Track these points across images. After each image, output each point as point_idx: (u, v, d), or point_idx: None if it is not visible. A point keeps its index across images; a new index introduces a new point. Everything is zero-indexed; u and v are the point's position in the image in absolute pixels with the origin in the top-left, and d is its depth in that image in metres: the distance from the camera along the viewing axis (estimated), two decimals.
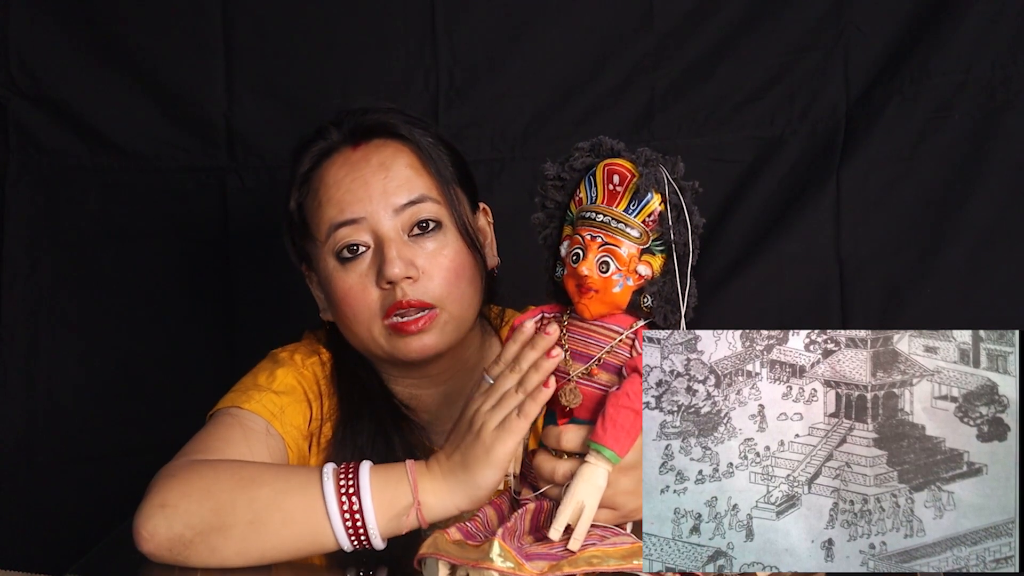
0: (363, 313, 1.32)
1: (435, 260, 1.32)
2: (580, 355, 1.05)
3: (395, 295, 1.30)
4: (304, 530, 1.11)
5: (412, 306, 1.30)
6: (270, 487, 1.13)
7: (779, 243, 1.78)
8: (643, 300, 1.03)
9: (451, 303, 1.32)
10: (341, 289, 1.33)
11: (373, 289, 1.32)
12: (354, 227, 1.32)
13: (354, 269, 1.32)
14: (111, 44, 1.81)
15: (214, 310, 1.85)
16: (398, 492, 1.11)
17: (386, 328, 1.32)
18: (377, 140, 1.37)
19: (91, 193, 1.83)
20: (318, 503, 1.10)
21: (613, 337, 1.03)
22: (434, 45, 1.81)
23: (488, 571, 0.99)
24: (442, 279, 1.32)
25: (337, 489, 1.11)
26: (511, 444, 1.07)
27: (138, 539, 1.13)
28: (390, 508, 1.11)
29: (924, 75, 1.73)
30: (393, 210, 1.32)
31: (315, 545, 1.12)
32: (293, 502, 1.12)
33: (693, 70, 1.80)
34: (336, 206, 1.33)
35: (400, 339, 1.31)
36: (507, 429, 1.07)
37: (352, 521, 1.10)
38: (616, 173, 1.03)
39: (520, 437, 1.07)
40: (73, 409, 1.83)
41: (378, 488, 1.11)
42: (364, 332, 1.34)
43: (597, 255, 1.02)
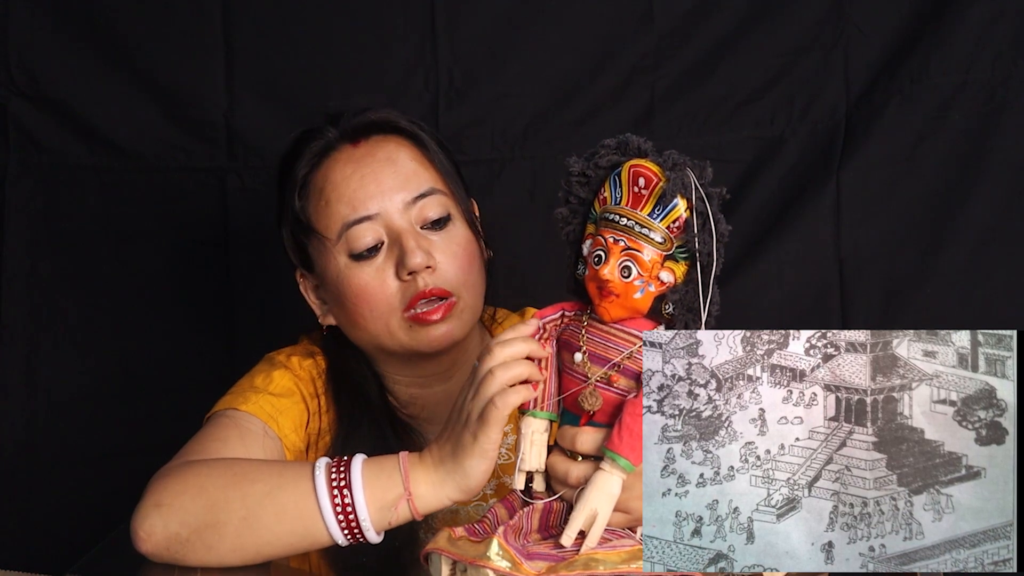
0: (380, 307, 1.33)
1: (448, 250, 1.34)
2: (598, 358, 1.03)
3: (416, 285, 1.31)
4: (297, 525, 1.10)
5: (434, 295, 1.31)
6: (263, 483, 1.12)
7: (779, 243, 1.78)
8: (665, 308, 1.01)
9: (466, 291, 1.34)
10: (356, 286, 1.33)
11: (392, 282, 1.32)
12: (368, 224, 1.33)
13: (370, 264, 1.33)
14: (111, 44, 1.81)
15: (214, 310, 1.85)
16: (390, 484, 1.10)
17: (405, 321, 1.32)
18: (377, 136, 1.37)
19: (91, 193, 1.83)
20: (310, 498, 1.10)
21: (632, 342, 1.02)
22: (434, 45, 1.81)
23: (485, 569, 0.99)
24: (457, 268, 1.33)
25: (329, 483, 1.10)
26: (494, 433, 1.05)
27: (136, 539, 1.13)
28: (382, 500, 1.09)
29: (924, 75, 1.73)
30: (405, 204, 1.33)
31: (309, 540, 1.11)
32: (286, 497, 1.11)
33: (693, 70, 1.81)
34: (348, 204, 1.33)
35: (421, 329, 1.32)
36: (486, 419, 1.05)
37: (344, 515, 1.09)
38: (642, 175, 1.01)
39: (500, 424, 1.05)
40: (73, 409, 1.83)
41: (370, 481, 1.10)
42: (381, 328, 1.34)
43: (619, 259, 1.00)
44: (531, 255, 1.76)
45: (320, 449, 1.35)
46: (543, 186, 1.81)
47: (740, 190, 1.79)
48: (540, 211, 1.79)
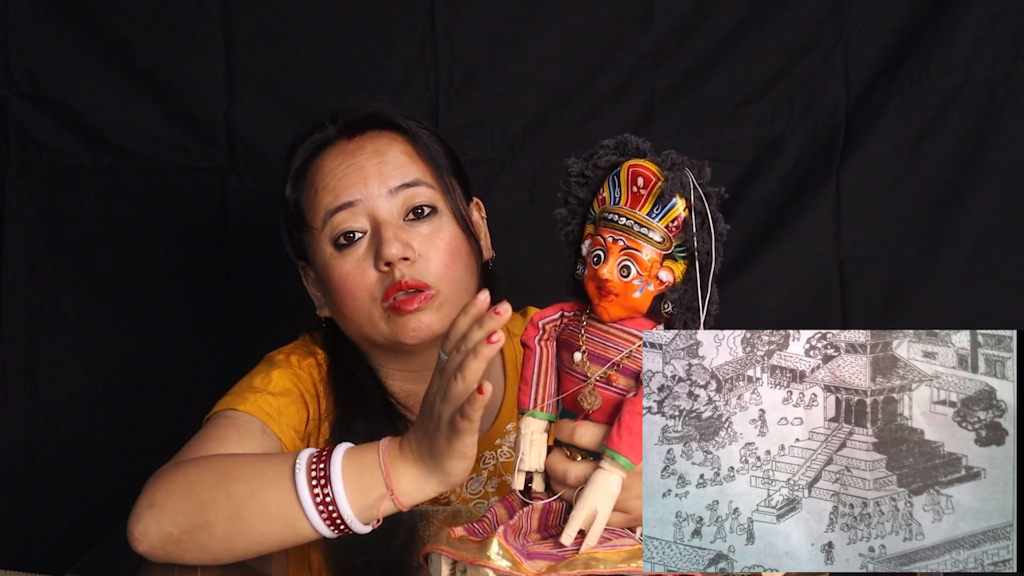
0: (362, 298, 1.33)
1: (431, 243, 1.34)
2: (598, 357, 1.03)
3: (393, 276, 1.31)
4: (282, 523, 1.10)
5: (410, 287, 1.31)
6: (246, 482, 1.12)
7: (779, 243, 1.78)
8: (664, 307, 1.01)
9: (447, 285, 1.34)
10: (339, 275, 1.34)
11: (371, 272, 1.33)
12: (350, 211, 1.33)
13: (351, 254, 1.34)
14: (111, 44, 1.81)
15: (214, 310, 1.85)
16: (372, 482, 1.08)
17: (385, 311, 1.33)
18: (372, 131, 1.39)
19: (91, 193, 1.83)
20: (292, 495, 1.08)
21: (631, 341, 1.02)
22: (434, 45, 1.81)
23: (485, 568, 0.99)
24: (439, 261, 1.33)
25: (308, 480, 1.08)
26: (468, 440, 1.04)
27: (132, 540, 1.13)
28: (364, 496, 1.08)
29: (924, 75, 1.73)
30: (388, 192, 1.33)
31: (297, 536, 1.10)
32: (269, 496, 1.10)
33: (693, 70, 1.81)
34: (332, 192, 1.34)
35: (399, 319, 1.32)
36: (455, 428, 1.03)
37: (327, 510, 1.08)
38: (641, 175, 1.01)
39: (471, 434, 1.03)
40: (73, 409, 1.83)
41: (350, 476, 1.08)
42: (364, 318, 1.34)
43: (618, 259, 1.00)
44: (531, 255, 1.76)
45: (319, 444, 1.35)
46: (543, 186, 1.81)
47: (740, 190, 1.80)
48: (540, 211, 1.79)
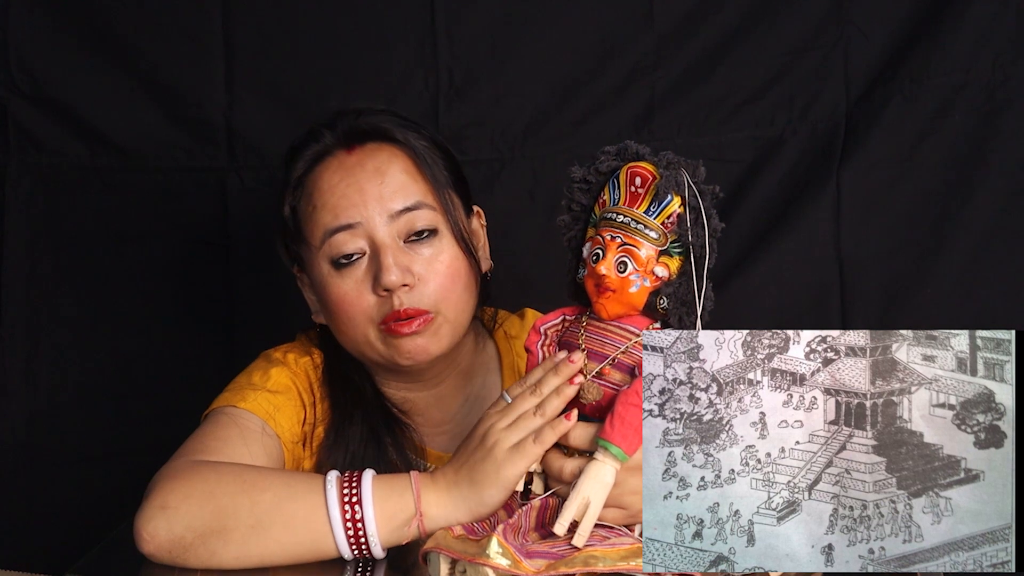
0: (358, 318, 1.33)
1: (431, 266, 1.32)
2: (596, 354, 1.07)
3: (391, 303, 1.30)
4: (305, 537, 1.12)
5: (408, 315, 1.30)
6: (273, 492, 1.13)
7: (779, 243, 1.78)
8: (659, 302, 1.04)
9: (447, 308, 1.33)
10: (336, 295, 1.33)
11: (369, 295, 1.32)
12: (349, 232, 1.32)
13: (349, 275, 1.32)
14: (111, 44, 1.81)
15: (213, 310, 1.85)
16: (401, 503, 1.12)
17: (381, 332, 1.32)
18: (372, 144, 1.36)
19: (91, 193, 1.83)
20: (321, 510, 1.11)
21: (628, 338, 1.05)
22: (434, 45, 1.80)
23: (485, 567, 1.00)
24: (438, 285, 1.32)
25: (340, 497, 1.11)
26: (523, 467, 1.08)
27: (139, 540, 1.13)
28: (392, 519, 1.11)
29: (924, 75, 1.73)
30: (389, 216, 1.32)
31: (315, 551, 1.12)
32: (295, 508, 1.12)
33: (693, 70, 1.80)
34: (331, 212, 1.33)
35: (396, 341, 1.32)
36: (521, 452, 1.08)
37: (354, 530, 1.11)
38: (638, 175, 1.05)
39: (533, 461, 1.08)
40: (73, 409, 1.83)
41: (380, 498, 1.11)
42: (360, 337, 1.34)
43: (616, 255, 1.03)
44: (531, 255, 1.76)
45: (314, 443, 1.35)
46: (543, 186, 1.81)
47: (740, 190, 1.79)
48: (540, 211, 1.79)
